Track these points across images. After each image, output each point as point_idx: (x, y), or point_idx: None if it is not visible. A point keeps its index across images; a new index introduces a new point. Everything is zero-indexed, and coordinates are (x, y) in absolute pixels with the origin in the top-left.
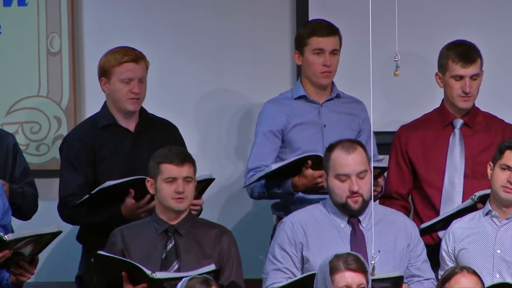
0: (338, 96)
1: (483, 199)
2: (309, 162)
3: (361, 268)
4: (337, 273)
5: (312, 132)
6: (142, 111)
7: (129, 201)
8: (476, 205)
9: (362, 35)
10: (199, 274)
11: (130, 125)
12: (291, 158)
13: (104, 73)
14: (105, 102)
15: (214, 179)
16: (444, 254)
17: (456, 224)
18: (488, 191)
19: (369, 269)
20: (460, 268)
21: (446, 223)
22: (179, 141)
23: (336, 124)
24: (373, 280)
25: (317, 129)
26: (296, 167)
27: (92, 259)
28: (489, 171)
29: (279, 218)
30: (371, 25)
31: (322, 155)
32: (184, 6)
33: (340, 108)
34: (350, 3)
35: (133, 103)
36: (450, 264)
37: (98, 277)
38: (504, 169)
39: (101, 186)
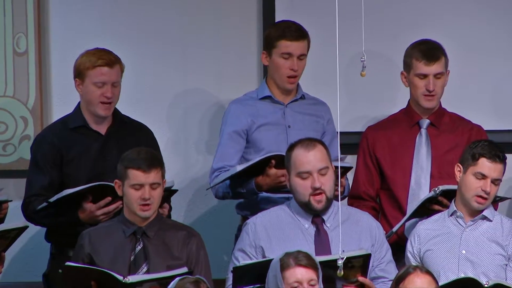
0: (303, 97)
1: (446, 194)
2: (273, 161)
3: (312, 264)
4: (287, 270)
5: (276, 133)
6: (116, 113)
7: (86, 205)
8: (437, 198)
9: (328, 35)
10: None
11: (102, 127)
12: (255, 158)
13: (78, 74)
14: (79, 103)
15: (177, 190)
16: (409, 255)
17: (421, 226)
18: (451, 186)
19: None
20: (413, 268)
21: (411, 217)
22: (151, 144)
23: (300, 125)
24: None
25: (281, 129)
26: (259, 167)
27: (61, 271)
28: (457, 173)
29: (244, 218)
30: (338, 25)
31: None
32: (150, 6)
33: (304, 109)
34: (316, 3)
35: (105, 109)
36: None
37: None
38: (478, 178)
39: (59, 195)
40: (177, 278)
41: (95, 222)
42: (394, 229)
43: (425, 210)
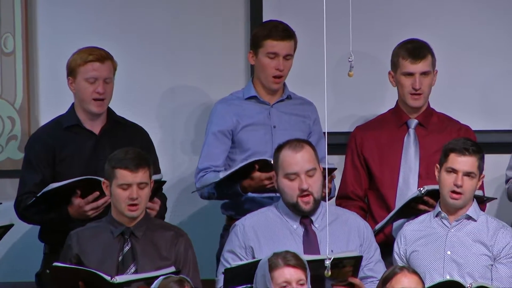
0: (289, 97)
1: (432, 194)
2: (256, 166)
3: (300, 264)
4: (276, 270)
5: (262, 133)
6: (110, 113)
7: (75, 200)
8: (423, 198)
9: (315, 35)
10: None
11: (96, 127)
12: (239, 163)
13: (70, 72)
14: (73, 103)
15: (165, 181)
16: (396, 256)
17: (407, 227)
18: (437, 186)
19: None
20: (400, 268)
21: (398, 217)
22: (146, 145)
23: (286, 125)
24: (332, 264)
25: (267, 130)
26: (244, 171)
27: (48, 271)
28: (436, 174)
29: (229, 218)
30: (325, 25)
31: (271, 156)
32: (138, 6)
33: (290, 109)
34: (304, 3)
35: (98, 105)
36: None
37: (56, 287)
38: (449, 172)
39: (46, 189)
40: (161, 277)
41: (84, 217)
42: (377, 227)
43: (411, 210)
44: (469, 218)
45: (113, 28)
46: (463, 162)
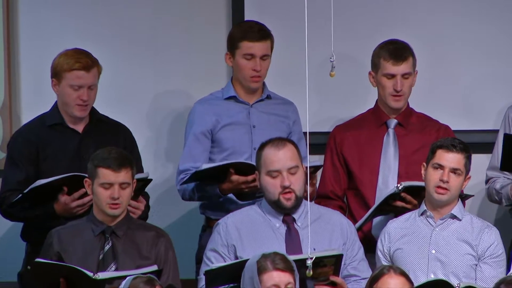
0: (268, 97)
1: (409, 190)
2: (231, 171)
3: (289, 267)
4: (265, 273)
5: (241, 133)
6: (93, 112)
7: (62, 197)
8: (400, 194)
9: (297, 35)
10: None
11: (79, 126)
12: (218, 161)
13: (55, 74)
14: (56, 101)
15: (151, 180)
16: (379, 254)
17: (391, 224)
18: (414, 182)
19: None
20: (387, 269)
21: (376, 214)
22: (130, 144)
23: (265, 125)
24: (313, 263)
25: (246, 129)
26: (224, 172)
27: (29, 267)
28: (423, 172)
29: (208, 218)
30: (307, 26)
31: (249, 157)
32: (120, 6)
33: (270, 109)
34: (286, 3)
35: (80, 110)
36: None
37: (36, 284)
38: (436, 168)
39: (32, 185)
40: (129, 278)
41: (70, 214)
42: (357, 225)
43: (389, 207)
44: (454, 217)
45: (96, 28)
46: (450, 158)
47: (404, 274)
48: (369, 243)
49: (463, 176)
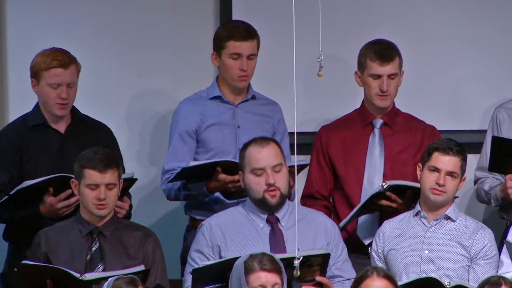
0: (253, 97)
1: (395, 190)
2: (219, 169)
3: (276, 268)
4: (252, 274)
5: (226, 133)
6: (74, 112)
7: (47, 198)
8: (385, 193)
9: (285, 35)
10: (126, 274)
11: (61, 126)
12: (203, 159)
13: (34, 75)
14: (38, 102)
15: (136, 179)
16: (374, 254)
17: (386, 225)
18: (399, 182)
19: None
20: (371, 271)
21: (361, 213)
22: (111, 143)
23: (250, 125)
24: (300, 264)
25: (231, 129)
26: (210, 171)
27: (16, 269)
28: (418, 173)
29: (192, 218)
30: (294, 26)
31: (234, 158)
32: (106, 5)
33: (255, 109)
34: (274, 3)
35: (60, 108)
36: (380, 265)
37: (23, 286)
38: (432, 170)
39: (20, 186)
40: (111, 278)
41: (56, 215)
42: (341, 224)
43: (374, 205)
44: (448, 218)
45: (82, 27)
46: (446, 161)
47: (387, 277)
48: (353, 244)
49: (459, 178)
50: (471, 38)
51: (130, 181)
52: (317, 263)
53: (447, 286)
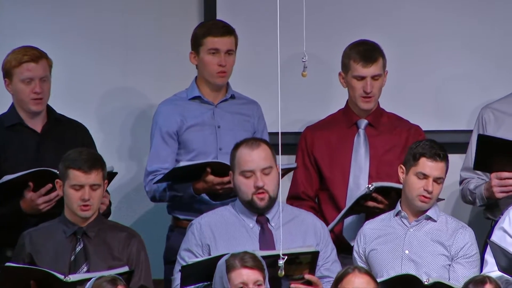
0: (232, 96)
1: (381, 190)
2: (208, 170)
3: (258, 265)
4: (233, 271)
5: (206, 133)
6: (50, 111)
7: (28, 194)
8: (371, 195)
9: (268, 35)
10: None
11: (37, 125)
12: (185, 160)
13: (6, 74)
14: (13, 102)
15: (116, 173)
16: (355, 255)
17: (367, 225)
18: (385, 183)
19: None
20: (352, 268)
21: (349, 214)
22: (88, 142)
23: (230, 125)
24: (288, 260)
25: (211, 130)
26: (197, 172)
27: None
28: (400, 174)
29: (175, 218)
30: (279, 26)
31: (215, 158)
32: (90, 4)
33: (234, 109)
34: (258, 3)
35: (36, 104)
36: (361, 265)
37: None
38: (420, 177)
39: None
40: (93, 278)
41: (37, 211)
42: (329, 227)
43: (361, 207)
44: (429, 218)
45: (66, 26)
46: (434, 168)
47: (368, 273)
48: (340, 244)
49: (443, 182)
50: (456, 38)
51: (110, 175)
52: (306, 261)
53: (426, 282)
